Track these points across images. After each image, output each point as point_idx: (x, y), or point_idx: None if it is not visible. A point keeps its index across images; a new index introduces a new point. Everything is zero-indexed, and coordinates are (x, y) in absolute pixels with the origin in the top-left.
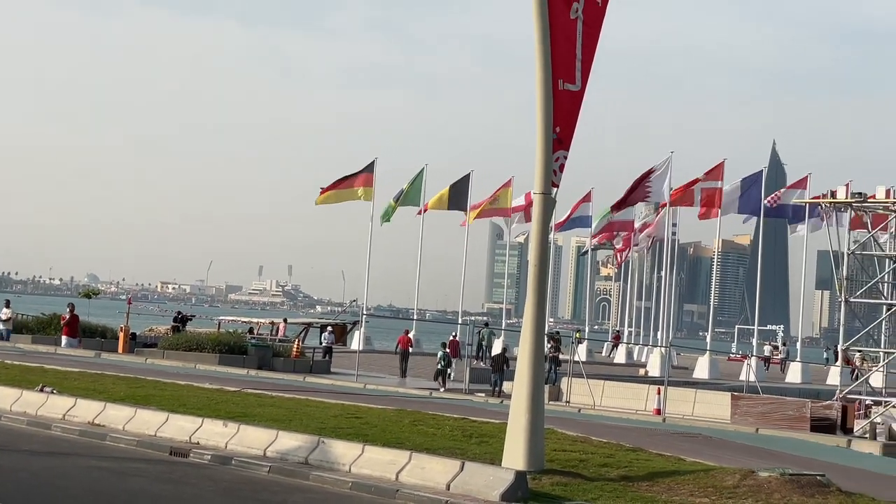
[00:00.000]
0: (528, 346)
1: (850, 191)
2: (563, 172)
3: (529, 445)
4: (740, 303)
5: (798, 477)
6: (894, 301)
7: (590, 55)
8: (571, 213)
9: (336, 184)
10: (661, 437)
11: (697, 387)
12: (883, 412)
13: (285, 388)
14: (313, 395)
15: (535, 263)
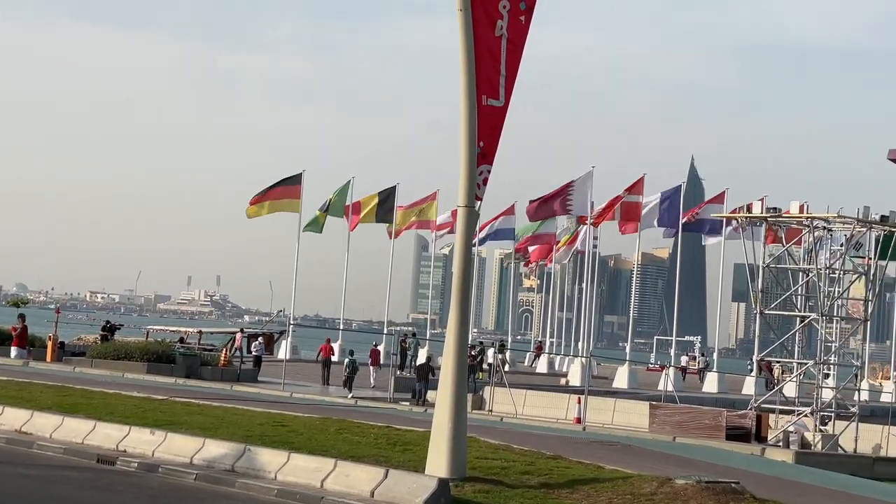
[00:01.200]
0: (451, 356)
1: (766, 206)
2: (487, 186)
3: (452, 453)
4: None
5: (713, 484)
6: (807, 313)
7: (513, 72)
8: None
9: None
10: (581, 445)
11: (617, 396)
12: (795, 421)
13: (213, 396)
14: (240, 404)
15: (458, 275)
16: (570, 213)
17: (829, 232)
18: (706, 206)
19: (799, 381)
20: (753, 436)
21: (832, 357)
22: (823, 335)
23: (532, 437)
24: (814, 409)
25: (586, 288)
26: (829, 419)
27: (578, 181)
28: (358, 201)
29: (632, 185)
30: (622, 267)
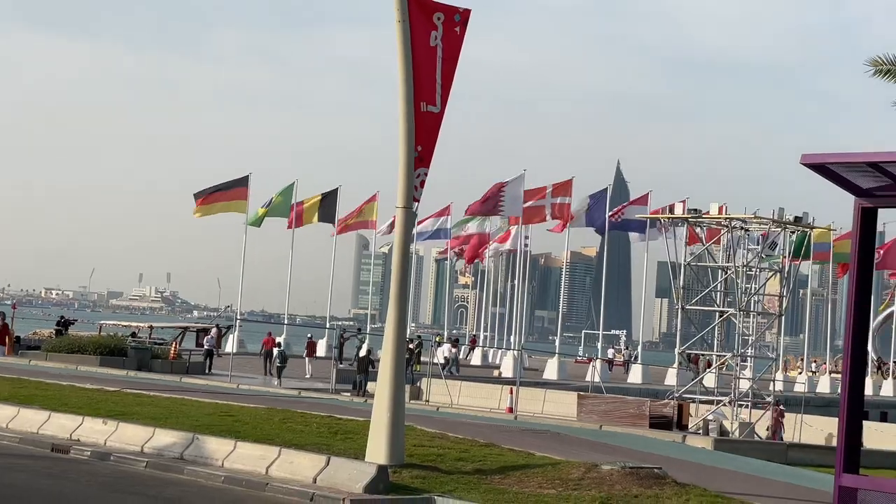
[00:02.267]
0: (390, 349)
1: (687, 207)
2: (424, 188)
3: (391, 441)
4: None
5: (637, 470)
6: (726, 308)
7: (449, 79)
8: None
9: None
10: (512, 433)
11: (547, 387)
12: (715, 410)
13: (163, 388)
14: (189, 395)
15: (397, 272)
16: (502, 214)
17: (746, 232)
18: (630, 207)
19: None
20: (675, 424)
21: (749, 350)
22: (741, 329)
23: (466, 426)
24: (732, 398)
25: (518, 284)
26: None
27: (510, 183)
28: (301, 203)
29: (560, 186)
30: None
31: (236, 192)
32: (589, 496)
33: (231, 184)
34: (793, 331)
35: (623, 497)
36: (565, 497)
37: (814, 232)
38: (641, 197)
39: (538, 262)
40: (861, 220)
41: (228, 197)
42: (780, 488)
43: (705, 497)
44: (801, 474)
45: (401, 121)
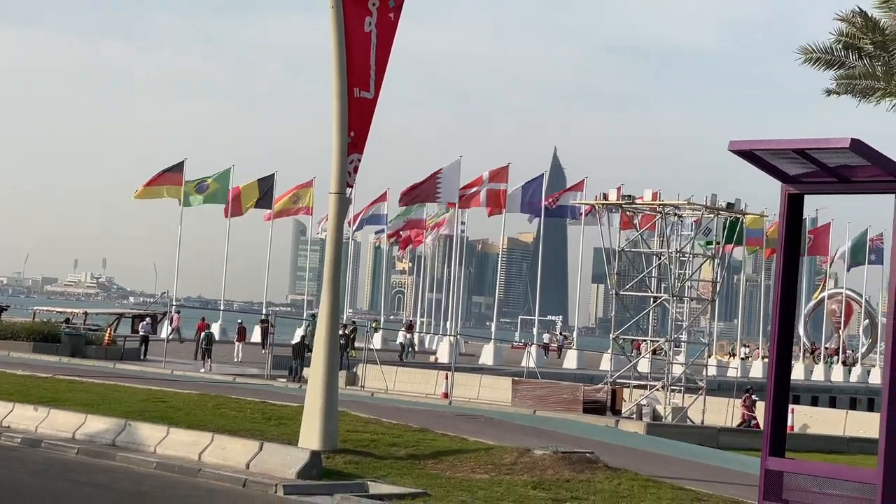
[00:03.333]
0: (323, 333)
1: (621, 193)
2: (358, 174)
3: (324, 427)
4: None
5: (569, 454)
6: (659, 294)
7: (383, 65)
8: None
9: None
10: (447, 418)
11: (482, 372)
12: (648, 395)
13: (96, 374)
14: (123, 381)
15: (330, 258)
16: (439, 201)
17: (680, 218)
18: (567, 193)
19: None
20: (609, 409)
21: (682, 335)
22: (674, 314)
23: (401, 412)
24: (665, 383)
25: (455, 270)
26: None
27: (447, 169)
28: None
29: (497, 172)
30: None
31: (172, 177)
32: (521, 481)
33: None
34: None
35: (555, 481)
36: (497, 482)
37: (746, 218)
38: (577, 183)
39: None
40: (788, 206)
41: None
42: (710, 472)
43: (637, 481)
44: (732, 458)
45: (334, 107)
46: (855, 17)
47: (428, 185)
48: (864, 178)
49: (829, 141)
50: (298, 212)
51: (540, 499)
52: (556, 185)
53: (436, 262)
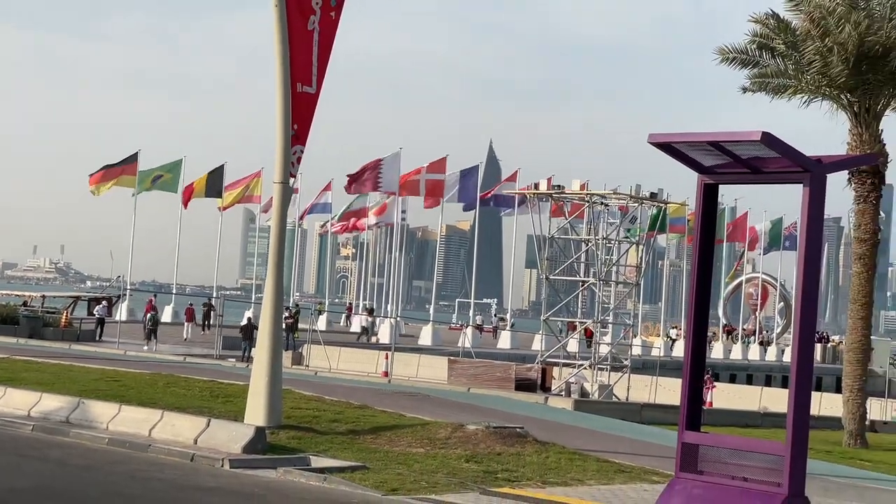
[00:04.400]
0: (268, 315)
1: (552, 184)
2: (301, 164)
3: (269, 404)
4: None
5: (501, 429)
6: (587, 278)
7: (324, 61)
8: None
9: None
10: (386, 396)
11: (421, 352)
12: (576, 373)
13: (52, 355)
14: (78, 362)
15: (274, 244)
16: (380, 190)
17: (606, 207)
18: (501, 183)
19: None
20: (539, 386)
21: (609, 317)
22: (601, 297)
23: (343, 390)
24: (592, 362)
25: (396, 256)
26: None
27: (387, 160)
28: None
29: (434, 163)
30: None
31: (127, 168)
32: (455, 454)
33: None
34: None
35: (487, 455)
36: (433, 455)
37: (669, 207)
38: (511, 174)
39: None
40: (704, 195)
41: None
42: (633, 445)
43: (564, 454)
44: (653, 432)
45: (277, 101)
46: (768, 18)
47: (369, 175)
48: (775, 168)
49: (742, 134)
50: (249, 200)
51: (472, 471)
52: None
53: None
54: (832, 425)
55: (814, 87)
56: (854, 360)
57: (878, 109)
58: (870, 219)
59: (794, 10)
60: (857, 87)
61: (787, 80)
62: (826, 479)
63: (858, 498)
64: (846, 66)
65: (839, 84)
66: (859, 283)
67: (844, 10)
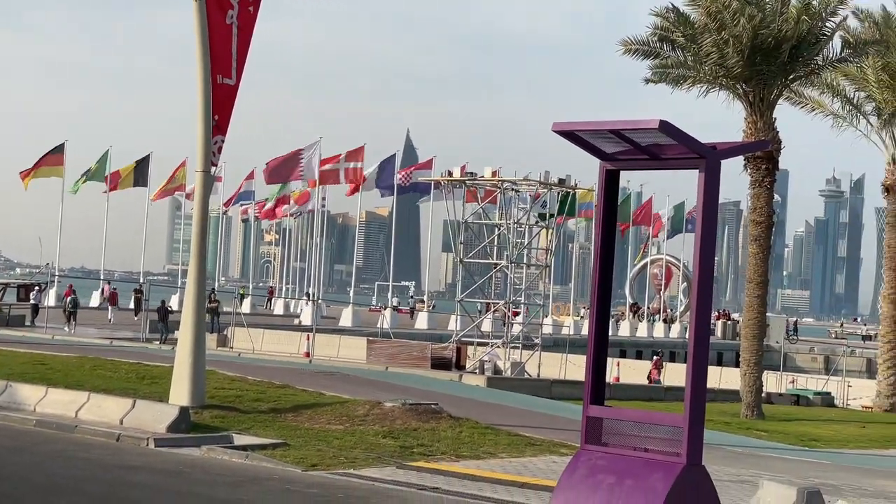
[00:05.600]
0: (191, 300)
1: (466, 171)
2: (224, 154)
3: (192, 384)
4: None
5: (416, 406)
6: (499, 261)
7: (243, 54)
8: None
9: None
10: (307, 375)
11: (342, 333)
12: (489, 352)
13: None
14: (6, 346)
15: (197, 230)
16: (302, 178)
17: (517, 192)
18: (417, 170)
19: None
20: (454, 364)
21: (521, 297)
22: (512, 279)
23: (265, 370)
24: (504, 341)
25: (317, 241)
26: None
27: (307, 149)
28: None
29: (352, 151)
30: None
31: (54, 158)
32: (373, 430)
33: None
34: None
35: (403, 430)
36: (351, 432)
37: (578, 192)
38: (426, 162)
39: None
40: (605, 180)
41: (47, 163)
42: (542, 419)
43: (477, 428)
44: (561, 406)
45: (198, 92)
46: (668, 12)
47: (290, 164)
48: (672, 155)
49: (641, 122)
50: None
51: (389, 446)
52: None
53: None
54: (731, 398)
55: (711, 77)
56: (751, 336)
57: (772, 99)
58: (764, 202)
59: (692, 4)
60: (751, 78)
61: (687, 71)
62: (724, 449)
63: (754, 466)
64: (741, 57)
65: (735, 75)
66: (755, 263)
67: (739, 4)
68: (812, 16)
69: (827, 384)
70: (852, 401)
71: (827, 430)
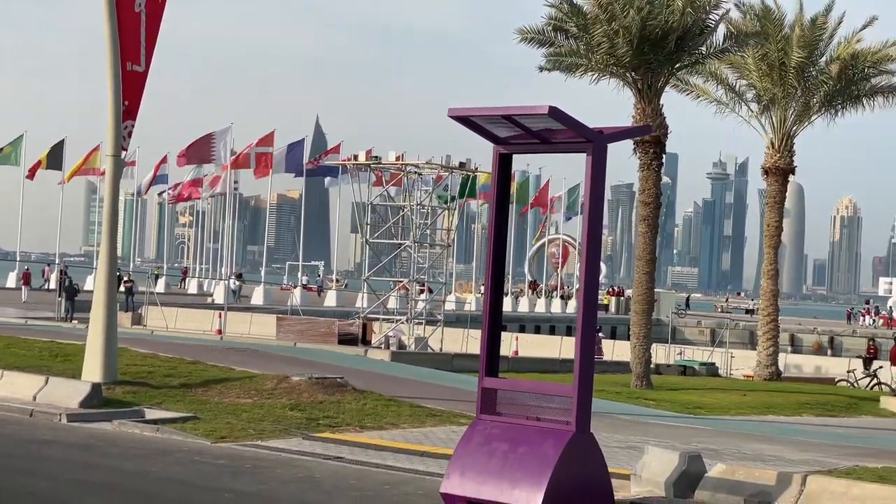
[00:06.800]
0: (103, 279)
1: (371, 155)
2: (132, 138)
3: (105, 361)
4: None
5: (322, 379)
6: (403, 241)
7: (152, 42)
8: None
9: None
10: (218, 352)
11: (253, 311)
12: (394, 327)
13: None
14: None
15: (108, 212)
16: (213, 162)
17: (420, 175)
18: (326, 154)
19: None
20: (360, 340)
21: (425, 276)
22: (416, 258)
23: (177, 347)
24: (409, 317)
25: (230, 223)
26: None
27: (219, 133)
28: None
29: (263, 137)
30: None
31: None
32: (280, 404)
33: None
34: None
35: (310, 403)
36: (260, 405)
37: (480, 175)
38: (335, 146)
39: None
40: (499, 163)
41: None
42: (443, 391)
43: (380, 401)
44: (462, 379)
45: (108, 79)
46: (562, 2)
47: (203, 148)
48: (562, 139)
49: (532, 108)
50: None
51: (296, 419)
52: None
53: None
54: (623, 369)
55: (602, 66)
56: (640, 311)
57: (659, 86)
58: (652, 184)
59: None
60: (640, 67)
61: (579, 60)
62: (615, 417)
63: (642, 432)
64: (630, 47)
65: (624, 63)
66: (644, 241)
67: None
68: (697, 8)
69: (712, 355)
70: (735, 371)
71: (711, 398)
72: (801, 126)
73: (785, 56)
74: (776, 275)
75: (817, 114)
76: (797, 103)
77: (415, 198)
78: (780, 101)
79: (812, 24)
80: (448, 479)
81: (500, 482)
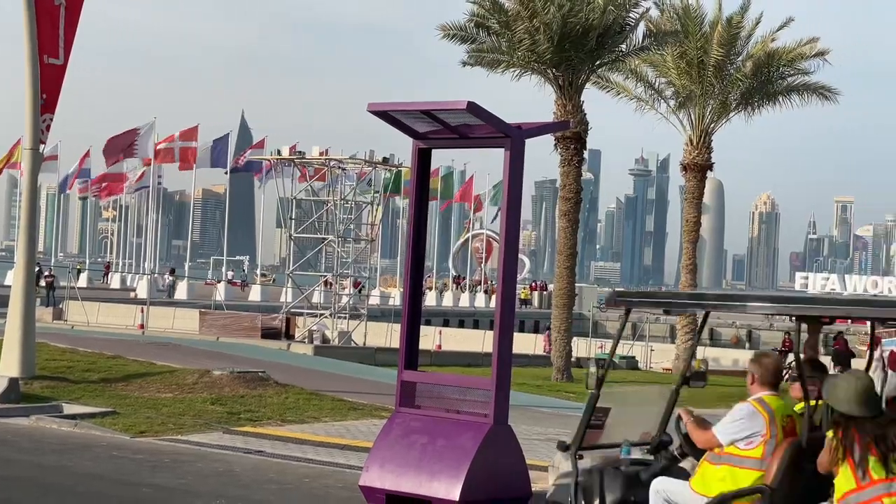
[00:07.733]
0: (21, 273)
1: (296, 150)
2: (50, 132)
3: (22, 356)
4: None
5: (244, 374)
6: (326, 235)
7: (71, 35)
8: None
9: None
10: (139, 346)
11: (176, 306)
12: (318, 322)
13: None
14: None
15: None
16: (136, 156)
17: (344, 171)
18: (251, 149)
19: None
20: (284, 334)
21: (349, 270)
22: (340, 253)
23: (98, 342)
24: (332, 311)
25: (155, 218)
26: None
27: (143, 129)
28: None
29: (186, 131)
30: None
31: None
32: (201, 398)
33: None
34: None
35: (231, 397)
36: (180, 399)
37: (404, 171)
38: (259, 142)
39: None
40: (418, 158)
41: None
42: (366, 385)
43: (302, 395)
44: (385, 373)
45: (26, 72)
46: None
47: (126, 142)
48: (481, 134)
49: (450, 104)
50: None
51: (217, 413)
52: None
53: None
54: (545, 363)
55: (524, 62)
56: (561, 305)
57: (580, 83)
58: (573, 180)
59: None
60: (561, 63)
61: (501, 56)
62: (534, 410)
63: (561, 425)
64: (551, 44)
65: (546, 60)
66: (565, 236)
67: None
68: (617, 6)
69: (632, 349)
70: (654, 364)
71: None
72: (718, 123)
73: (704, 54)
74: (695, 269)
75: (735, 111)
76: (715, 101)
77: (338, 193)
78: (698, 99)
79: (728, 24)
80: (367, 471)
81: (419, 475)
